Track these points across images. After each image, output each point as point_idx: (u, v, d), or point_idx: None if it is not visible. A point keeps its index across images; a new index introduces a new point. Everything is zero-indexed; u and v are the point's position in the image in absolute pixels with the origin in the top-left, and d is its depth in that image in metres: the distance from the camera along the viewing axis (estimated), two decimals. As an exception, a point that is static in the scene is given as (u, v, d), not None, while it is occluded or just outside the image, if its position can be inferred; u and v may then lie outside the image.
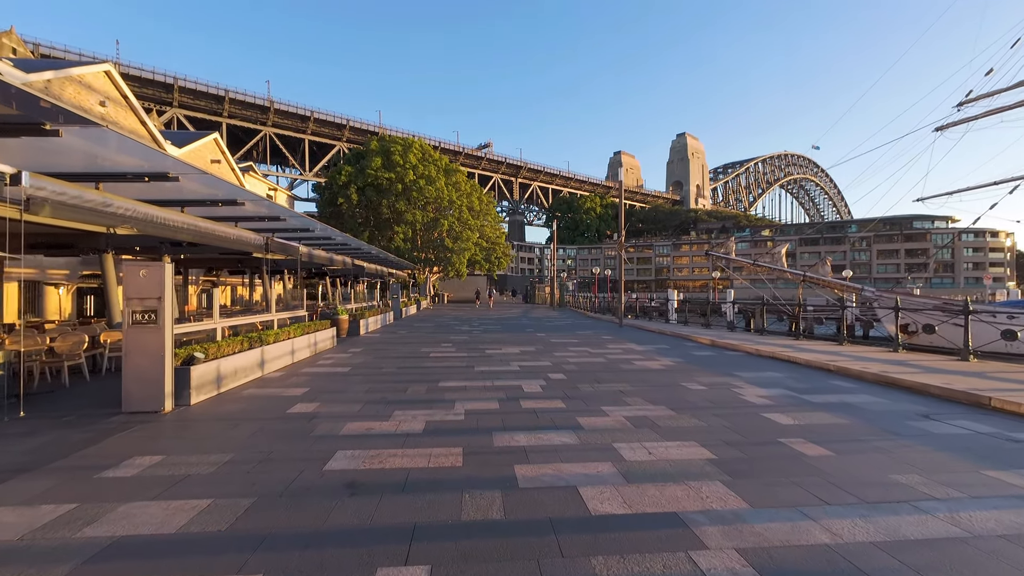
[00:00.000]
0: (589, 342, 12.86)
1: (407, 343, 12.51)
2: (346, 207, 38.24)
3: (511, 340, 13.16)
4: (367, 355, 10.04)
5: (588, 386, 6.91)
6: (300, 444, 4.22)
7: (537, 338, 13.79)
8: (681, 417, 5.19)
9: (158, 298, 5.16)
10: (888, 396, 6.31)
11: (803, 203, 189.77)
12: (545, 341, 12.98)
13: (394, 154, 38.89)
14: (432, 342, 12.67)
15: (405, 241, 38.31)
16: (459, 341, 12.84)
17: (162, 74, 74.56)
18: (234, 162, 29.64)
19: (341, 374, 7.85)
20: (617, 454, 3.99)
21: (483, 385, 6.94)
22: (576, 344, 12.29)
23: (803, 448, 4.16)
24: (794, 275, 23.36)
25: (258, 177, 34.22)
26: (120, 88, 20.81)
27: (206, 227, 8.88)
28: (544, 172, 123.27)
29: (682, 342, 12.99)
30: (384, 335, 14.69)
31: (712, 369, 8.44)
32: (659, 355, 10.27)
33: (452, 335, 14.63)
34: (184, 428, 4.75)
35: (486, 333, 15.35)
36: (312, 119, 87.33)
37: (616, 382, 7.21)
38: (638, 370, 8.36)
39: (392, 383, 7.09)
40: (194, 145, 24.55)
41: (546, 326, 18.55)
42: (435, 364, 8.91)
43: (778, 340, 12.25)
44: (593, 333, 15.70)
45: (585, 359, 9.65)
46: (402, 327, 17.84)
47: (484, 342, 12.65)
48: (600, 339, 13.71)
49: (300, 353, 9.21)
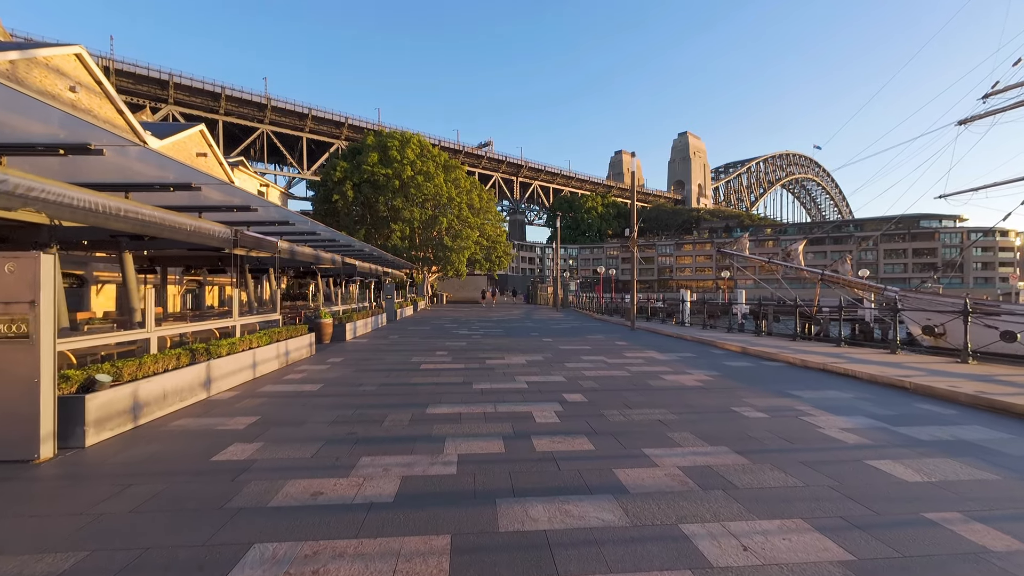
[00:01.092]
0: (603, 349, 11.38)
1: (397, 350, 11.03)
2: (341, 204, 36.75)
3: (515, 347, 11.69)
4: (346, 367, 8.57)
5: (616, 412, 5.44)
6: (202, 528, 2.75)
7: (544, 344, 12.32)
8: (760, 468, 3.72)
9: (30, 303, 3.70)
10: (1007, 428, 4.84)
11: (804, 203, 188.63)
12: (553, 348, 11.51)
13: (391, 149, 37.40)
14: (425, 349, 11.20)
15: (403, 239, 36.81)
16: (456, 348, 11.38)
17: (157, 70, 73.21)
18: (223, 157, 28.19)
19: (307, 394, 6.37)
20: (693, 551, 2.53)
21: (483, 412, 5.46)
22: (589, 352, 10.82)
23: (974, 535, 2.69)
24: (812, 274, 21.95)
25: (249, 172, 32.75)
26: (94, 73, 19.36)
27: (152, 216, 7.42)
28: (545, 171, 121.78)
29: (708, 349, 11.51)
30: (373, 340, 13.22)
31: (761, 387, 6.97)
32: (688, 366, 8.80)
33: (449, 340, 13.16)
34: (50, 491, 3.28)
35: (487, 338, 13.88)
36: (310, 117, 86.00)
37: (651, 407, 5.73)
38: (671, 388, 6.89)
39: (368, 408, 5.62)
40: (177, 137, 23.07)
41: (552, 329, 17.08)
42: (425, 380, 7.44)
43: (818, 347, 10.76)
44: (605, 338, 14.22)
45: (604, 372, 8.18)
46: (395, 331, 16.37)
47: (484, 349, 11.19)
48: (614, 345, 12.24)
49: (265, 366, 7.75)
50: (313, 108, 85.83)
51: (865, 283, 22.06)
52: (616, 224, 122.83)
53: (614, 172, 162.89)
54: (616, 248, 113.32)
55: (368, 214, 38.15)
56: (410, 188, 36.97)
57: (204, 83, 76.24)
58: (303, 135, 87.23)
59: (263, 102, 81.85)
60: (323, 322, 11.71)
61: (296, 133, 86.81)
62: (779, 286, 24.06)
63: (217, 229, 9.38)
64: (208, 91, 76.66)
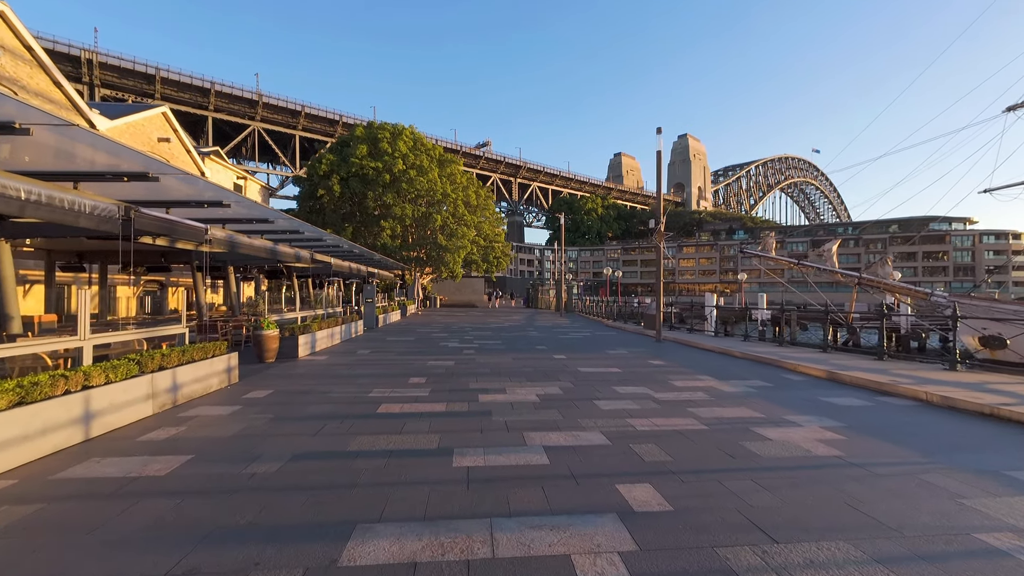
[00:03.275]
0: (638, 372, 8.44)
1: (356, 376, 8.04)
2: (328, 200, 33.75)
3: (520, 370, 8.72)
4: (261, 412, 5.56)
5: (749, 552, 2.50)
6: None
7: (557, 364, 9.36)
8: None
9: None
10: None
11: (803, 206, 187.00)
12: (571, 371, 8.55)
13: (382, 142, 34.46)
14: (397, 373, 8.24)
15: (393, 238, 33.79)
16: (439, 372, 8.41)
17: (143, 63, 70.23)
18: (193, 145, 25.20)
19: (132, 493, 3.42)
20: None
21: (465, 559, 2.53)
22: (622, 377, 7.87)
23: None
24: (847, 276, 19.32)
25: (223, 163, 29.64)
26: (23, 38, 16.40)
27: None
28: (544, 172, 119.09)
29: (777, 373, 8.59)
30: (335, 358, 10.23)
31: (939, 457, 4.04)
32: (781, 407, 5.88)
33: (433, 357, 10.20)
34: None
35: (482, 354, 10.91)
36: (303, 114, 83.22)
37: (797, 522, 2.79)
38: (793, 460, 3.96)
39: (221, 545, 2.67)
40: (133, 118, 19.97)
41: (562, 341, 14.10)
42: (374, 445, 4.46)
43: (937, 374, 7.85)
44: (630, 353, 11.29)
45: (662, 421, 5.25)
46: (371, 342, 13.40)
47: (477, 374, 8.23)
48: (651, 367, 9.30)
49: (115, 417, 4.77)
50: (306, 105, 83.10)
51: (909, 288, 19.34)
52: (616, 226, 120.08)
53: (613, 174, 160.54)
54: (617, 250, 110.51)
55: (357, 211, 35.19)
56: (402, 183, 34.03)
57: (193, 78, 73.35)
58: (296, 133, 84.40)
59: (254, 98, 79.00)
60: (264, 335, 8.74)
61: (289, 131, 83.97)
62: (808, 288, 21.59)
63: (90, 203, 6.44)
64: (197, 86, 73.75)
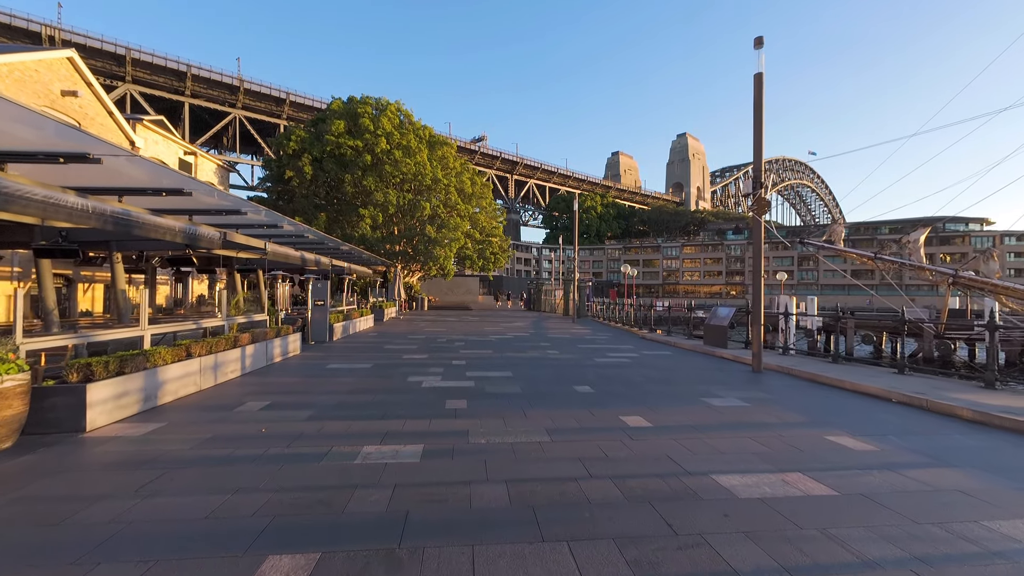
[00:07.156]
0: (854, 487, 4.11)
1: (185, 495, 3.61)
2: (297, 183, 29.09)
3: (577, 493, 4.31)
4: None
5: None
6: None
7: (644, 453, 4.91)
8: None
9: None
10: None
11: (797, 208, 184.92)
12: (703, 492, 4.19)
13: (363, 117, 29.84)
14: (238, 532, 3.81)
15: (374, 229, 29.20)
16: (370, 509, 3.97)
17: (112, 42, 64.65)
18: (115, 107, 20.51)
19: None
20: None
21: None
22: (837, 510, 3.54)
23: None
24: (938, 274, 15.15)
25: (165, 133, 24.43)
26: None
27: None
28: (541, 169, 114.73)
29: None
30: (159, 441, 5.78)
31: None
32: None
33: (371, 442, 5.76)
34: None
35: (479, 412, 6.51)
36: (288, 102, 77.91)
37: None
38: None
39: None
40: (20, 57, 15.18)
41: (608, 373, 8.84)
42: None
43: None
44: (748, 403, 6.91)
45: None
46: (290, 375, 8.89)
47: (472, 517, 3.82)
48: (826, 447, 4.95)
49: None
50: (291, 93, 77.83)
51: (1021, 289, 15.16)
52: (616, 225, 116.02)
53: (611, 173, 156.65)
54: (618, 249, 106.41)
55: (333, 196, 30.60)
56: (385, 165, 29.49)
57: (167, 59, 67.75)
58: (280, 122, 78.97)
59: (235, 84, 73.53)
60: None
61: (273, 120, 78.58)
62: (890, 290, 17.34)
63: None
64: (172, 69, 68.18)
